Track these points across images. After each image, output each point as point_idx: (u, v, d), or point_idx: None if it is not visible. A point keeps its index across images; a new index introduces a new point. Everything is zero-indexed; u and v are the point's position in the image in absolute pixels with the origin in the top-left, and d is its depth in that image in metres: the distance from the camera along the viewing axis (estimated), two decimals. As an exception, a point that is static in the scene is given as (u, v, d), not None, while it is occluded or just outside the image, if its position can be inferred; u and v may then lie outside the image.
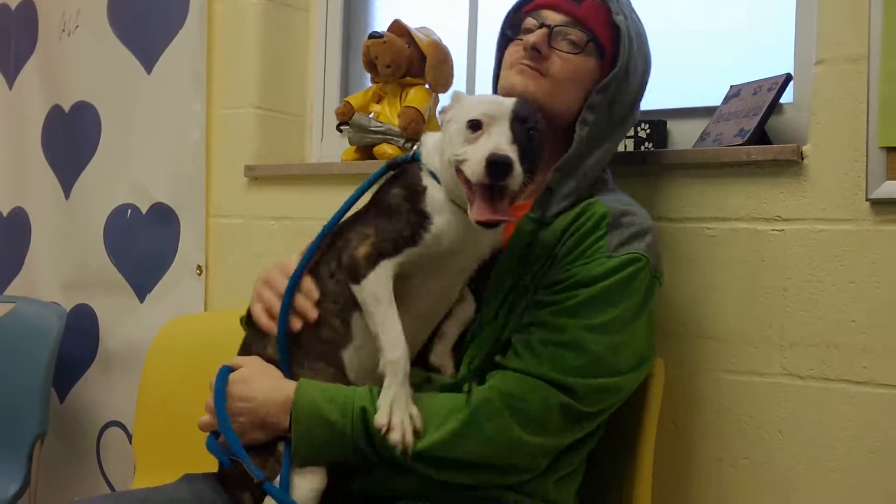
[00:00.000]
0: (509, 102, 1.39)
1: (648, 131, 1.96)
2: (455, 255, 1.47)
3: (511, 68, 1.62)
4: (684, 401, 1.80)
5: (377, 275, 1.42)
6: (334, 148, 2.49)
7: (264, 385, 1.47)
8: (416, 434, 1.39)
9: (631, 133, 1.97)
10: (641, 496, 1.67)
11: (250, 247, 2.46)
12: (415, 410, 1.40)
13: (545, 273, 1.51)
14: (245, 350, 1.58)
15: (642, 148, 1.95)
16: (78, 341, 2.67)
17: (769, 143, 1.79)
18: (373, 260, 1.42)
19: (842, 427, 1.66)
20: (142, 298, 2.61)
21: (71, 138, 2.75)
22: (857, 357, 1.65)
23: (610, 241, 1.50)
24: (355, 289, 1.43)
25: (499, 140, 1.34)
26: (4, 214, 2.92)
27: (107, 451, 2.64)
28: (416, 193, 1.46)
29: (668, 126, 1.99)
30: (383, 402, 1.39)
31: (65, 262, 2.76)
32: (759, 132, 1.76)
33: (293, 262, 1.56)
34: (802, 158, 1.70)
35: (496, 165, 1.30)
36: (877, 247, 1.63)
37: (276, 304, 1.52)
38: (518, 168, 1.32)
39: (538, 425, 1.44)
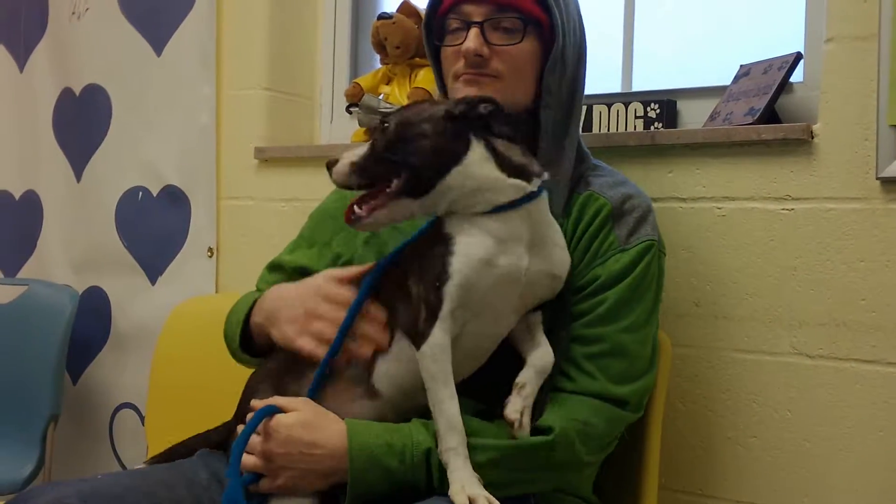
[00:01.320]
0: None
1: (658, 111, 1.96)
2: (497, 286, 1.34)
3: (458, 80, 1.54)
4: (694, 380, 1.81)
5: (431, 345, 1.31)
6: (344, 129, 2.49)
7: (331, 433, 1.36)
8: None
9: (641, 113, 1.97)
10: (650, 475, 1.68)
11: (261, 228, 2.47)
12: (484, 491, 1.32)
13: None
14: (269, 379, 1.49)
15: (652, 128, 1.95)
16: (90, 323, 2.69)
17: (779, 122, 1.79)
18: (429, 321, 1.32)
19: (851, 406, 1.66)
20: (153, 280, 2.62)
21: (82, 121, 2.76)
22: (866, 336, 1.65)
23: (619, 233, 1.51)
24: (417, 355, 1.34)
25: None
26: (17, 197, 2.93)
27: (120, 432, 2.66)
28: (437, 218, 1.40)
29: (677, 106, 1.99)
30: (455, 489, 1.30)
31: (77, 245, 2.77)
32: (769, 111, 1.76)
33: (333, 287, 1.48)
34: (812, 137, 1.69)
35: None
36: (887, 225, 1.63)
37: (330, 332, 1.43)
38: (339, 163, 1.33)
39: (600, 447, 1.48)
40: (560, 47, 1.51)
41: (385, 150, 1.33)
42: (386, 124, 1.33)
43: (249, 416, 1.38)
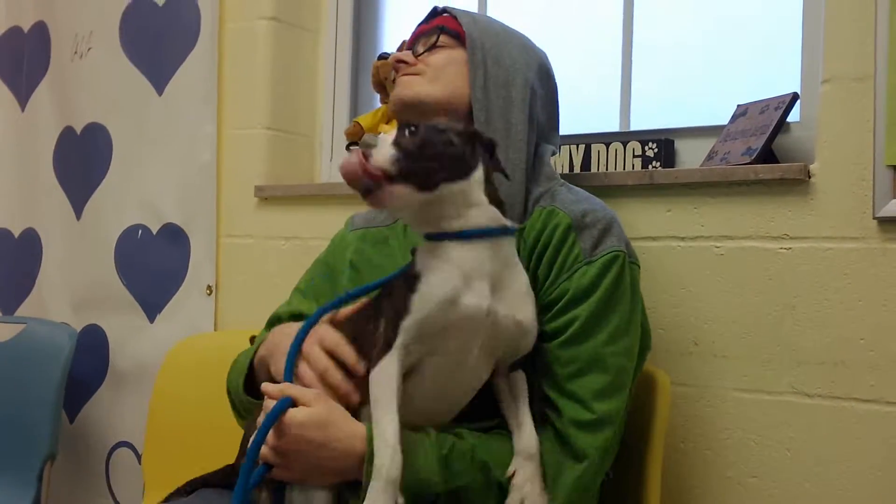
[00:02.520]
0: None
1: (656, 150, 1.97)
2: (458, 324, 1.33)
3: (392, 90, 1.68)
4: (694, 419, 1.81)
5: (378, 371, 1.33)
6: (344, 168, 2.50)
7: (344, 432, 1.36)
8: None
9: (639, 152, 1.98)
10: (650, 514, 1.67)
11: (261, 266, 2.47)
12: None
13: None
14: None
15: (650, 167, 1.96)
16: (88, 361, 2.68)
17: (776, 161, 1.80)
18: (382, 351, 1.33)
19: (850, 445, 1.66)
20: (152, 318, 2.62)
21: (83, 159, 2.77)
22: (865, 375, 1.64)
23: (583, 245, 1.50)
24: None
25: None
26: (16, 235, 2.94)
27: (116, 471, 2.64)
28: (413, 254, 1.41)
29: (675, 145, 2.00)
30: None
31: (76, 283, 2.77)
32: (766, 151, 1.77)
33: (329, 331, 1.47)
34: (809, 177, 1.70)
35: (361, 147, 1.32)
36: (884, 265, 1.63)
37: (310, 377, 1.43)
38: (379, 155, 1.27)
39: (603, 469, 1.48)
40: (481, 57, 1.61)
41: (417, 148, 1.31)
42: (413, 128, 1.34)
43: (266, 410, 1.37)
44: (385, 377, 1.32)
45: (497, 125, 1.59)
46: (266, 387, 1.41)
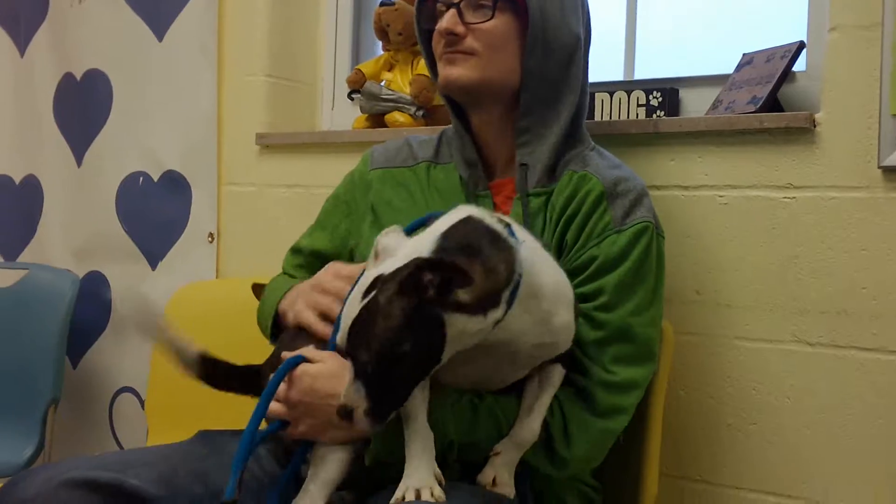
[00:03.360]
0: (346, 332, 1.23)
1: (660, 99, 1.96)
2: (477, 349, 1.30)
3: (441, 60, 1.60)
4: (695, 367, 1.82)
5: None
6: (345, 116, 2.49)
7: None
8: None
9: (643, 101, 1.97)
10: (651, 461, 1.69)
11: (262, 214, 2.47)
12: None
13: (563, 262, 1.51)
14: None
15: (654, 116, 1.96)
16: (90, 308, 2.69)
17: (782, 111, 1.79)
18: None
19: (851, 394, 1.67)
20: (154, 266, 2.62)
21: (83, 106, 2.76)
22: (867, 324, 1.65)
23: (614, 214, 1.52)
24: None
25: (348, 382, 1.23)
26: (17, 182, 2.93)
27: (119, 416, 2.66)
28: None
29: (680, 94, 1.99)
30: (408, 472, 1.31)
31: (77, 230, 2.77)
32: (771, 100, 1.77)
33: (345, 266, 1.53)
34: (815, 126, 1.70)
35: (339, 414, 1.24)
36: (888, 214, 1.63)
37: (334, 308, 1.44)
38: (360, 417, 1.21)
39: (621, 428, 1.51)
40: (540, 29, 1.54)
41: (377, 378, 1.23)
42: (366, 365, 1.21)
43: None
44: None
45: (547, 95, 1.57)
46: (285, 355, 1.44)
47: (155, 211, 2.62)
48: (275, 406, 1.39)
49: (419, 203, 1.64)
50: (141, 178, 2.65)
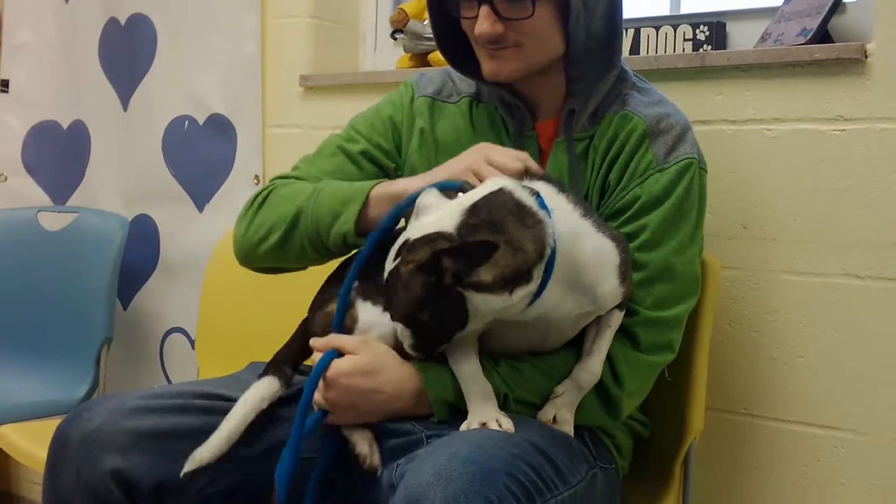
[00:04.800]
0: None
1: (707, 33, 1.94)
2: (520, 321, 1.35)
3: (481, 52, 1.52)
4: (741, 301, 1.82)
5: None
6: (387, 56, 2.49)
7: (393, 377, 1.40)
8: None
9: (689, 35, 1.95)
10: (697, 395, 1.70)
11: (307, 156, 2.48)
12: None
13: (606, 203, 1.52)
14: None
15: (701, 51, 1.94)
16: (139, 250, 2.73)
17: (832, 42, 1.77)
18: None
19: (899, 325, 1.67)
20: (200, 208, 2.65)
21: (127, 51, 2.78)
22: (916, 256, 1.65)
23: (657, 152, 1.50)
24: None
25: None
26: (65, 127, 2.96)
27: (170, 355, 2.72)
28: None
29: (727, 28, 1.97)
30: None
31: (124, 174, 2.80)
32: (821, 31, 1.74)
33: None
34: (866, 57, 1.68)
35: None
36: (940, 145, 1.62)
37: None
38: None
39: (664, 363, 1.53)
40: (576, 8, 1.46)
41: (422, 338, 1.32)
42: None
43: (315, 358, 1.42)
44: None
45: (596, 46, 1.52)
46: (314, 341, 1.45)
47: (201, 154, 2.64)
48: (317, 398, 1.40)
49: (462, 140, 1.61)
50: (186, 122, 2.67)
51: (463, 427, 1.33)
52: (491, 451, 1.21)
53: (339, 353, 1.40)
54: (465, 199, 1.30)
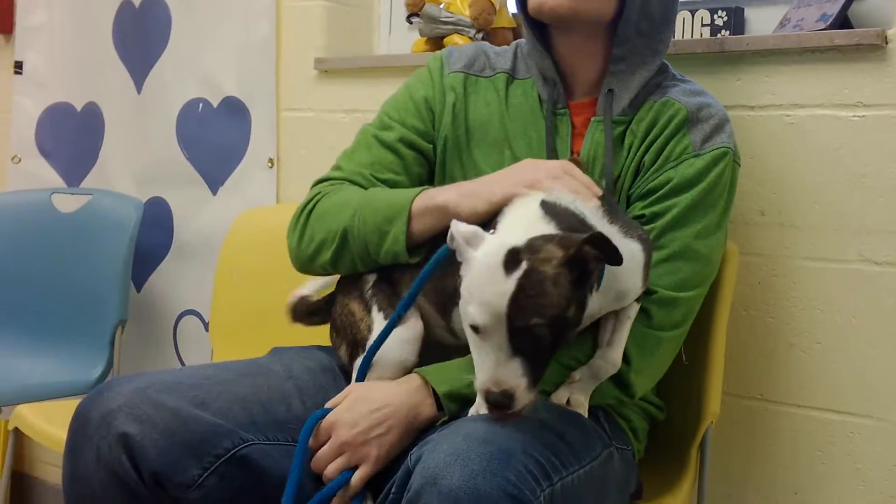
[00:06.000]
0: (503, 303, 1.16)
1: (725, 19, 1.94)
2: None
3: None
4: (758, 287, 1.82)
5: None
6: (403, 40, 2.49)
7: (389, 390, 1.40)
8: None
9: (707, 21, 1.95)
10: (714, 380, 1.71)
11: (321, 139, 2.48)
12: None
13: (637, 184, 1.53)
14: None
15: (719, 36, 1.93)
16: (152, 233, 2.73)
17: (851, 28, 1.76)
18: None
19: (917, 312, 1.67)
20: (214, 191, 2.66)
21: (142, 33, 2.77)
22: (935, 243, 1.64)
23: (694, 138, 1.52)
24: None
25: (494, 367, 1.17)
26: (78, 109, 2.96)
27: (183, 337, 2.72)
28: None
29: (745, 13, 1.96)
30: None
31: (138, 156, 2.80)
32: (841, 17, 1.74)
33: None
34: (886, 43, 1.67)
35: (496, 404, 1.19)
36: (960, 132, 1.61)
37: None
38: (523, 394, 1.18)
39: (679, 342, 1.55)
40: None
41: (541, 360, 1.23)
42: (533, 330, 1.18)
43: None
44: None
45: (648, 28, 1.54)
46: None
47: (215, 137, 2.64)
48: (331, 466, 1.38)
49: (494, 119, 1.62)
50: (200, 105, 2.67)
51: (472, 411, 1.33)
52: (506, 431, 1.22)
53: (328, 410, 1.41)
54: (525, 211, 1.30)
